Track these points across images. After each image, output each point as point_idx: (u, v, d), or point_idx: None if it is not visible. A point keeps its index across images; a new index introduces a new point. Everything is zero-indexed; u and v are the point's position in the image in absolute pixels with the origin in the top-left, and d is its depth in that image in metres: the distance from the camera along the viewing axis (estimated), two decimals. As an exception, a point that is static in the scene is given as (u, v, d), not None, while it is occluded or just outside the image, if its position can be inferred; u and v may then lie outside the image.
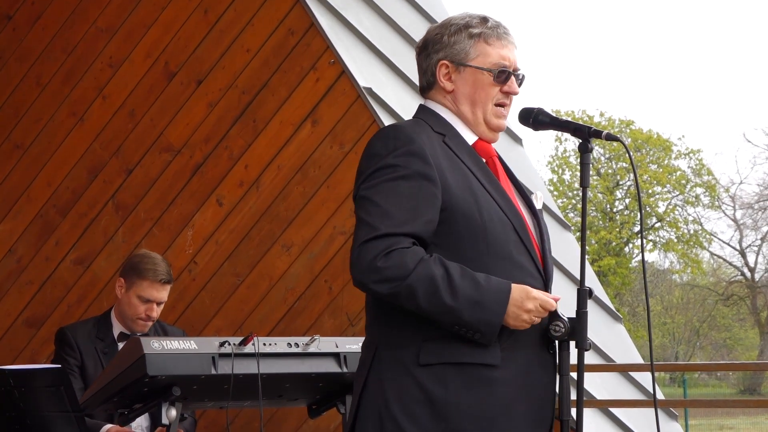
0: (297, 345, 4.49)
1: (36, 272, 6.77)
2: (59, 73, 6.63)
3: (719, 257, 40.13)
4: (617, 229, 37.94)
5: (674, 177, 38.74)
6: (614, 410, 6.26)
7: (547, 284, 3.16)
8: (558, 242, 5.80)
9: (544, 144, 67.99)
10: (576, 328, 3.02)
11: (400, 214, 3.01)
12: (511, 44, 3.26)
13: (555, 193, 38.42)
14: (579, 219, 35.37)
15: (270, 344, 4.42)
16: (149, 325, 5.24)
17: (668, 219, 38.76)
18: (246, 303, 6.39)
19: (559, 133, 40.99)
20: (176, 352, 4.19)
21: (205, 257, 6.42)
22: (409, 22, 6.76)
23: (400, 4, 6.86)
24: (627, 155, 4.90)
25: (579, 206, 37.62)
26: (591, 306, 3.22)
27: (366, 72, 6.03)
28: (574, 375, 3.05)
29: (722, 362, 15.27)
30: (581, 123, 3.17)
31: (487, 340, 2.99)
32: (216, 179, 6.36)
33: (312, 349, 4.51)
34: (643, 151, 38.56)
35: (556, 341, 3.11)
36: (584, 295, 3.04)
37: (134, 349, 4.18)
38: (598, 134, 3.14)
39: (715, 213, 42.75)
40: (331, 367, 4.54)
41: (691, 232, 38.90)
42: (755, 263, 38.31)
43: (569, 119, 3.23)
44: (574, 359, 3.01)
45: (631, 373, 6.56)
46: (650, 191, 38.34)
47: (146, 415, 4.98)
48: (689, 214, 39.26)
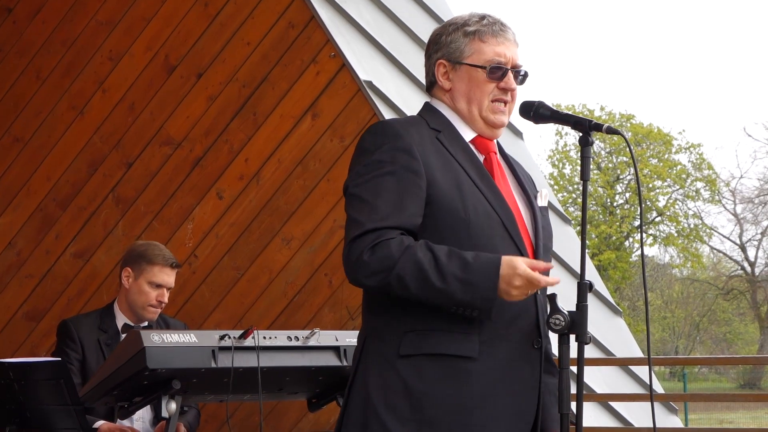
0: (297, 338, 4.49)
1: (36, 265, 6.77)
2: (59, 66, 6.62)
3: (719, 251, 40.16)
4: (617, 223, 37.94)
5: (674, 171, 38.73)
6: (614, 404, 6.27)
7: None
8: (558, 236, 5.80)
9: (544, 138, 68.03)
10: (576, 322, 3.01)
11: (386, 208, 3.06)
12: (509, 41, 3.26)
13: (555, 187, 38.41)
14: (579, 213, 35.36)
15: (270, 337, 4.42)
16: (158, 312, 5.24)
17: (668, 213, 38.75)
18: (246, 296, 6.39)
19: (560, 127, 40.79)
20: (176, 345, 4.19)
21: (205, 251, 6.42)
22: (410, 15, 6.75)
23: (400, -2, 6.85)
24: (627, 149, 4.87)
25: (579, 200, 37.59)
26: (591, 300, 3.21)
27: (366, 65, 6.02)
28: (573, 368, 3.05)
29: (722, 356, 15.24)
30: (582, 116, 3.16)
31: (486, 314, 3.01)
32: (216, 173, 6.35)
33: (312, 342, 4.51)
34: (644, 145, 38.54)
35: (539, 337, 3.12)
36: (584, 288, 3.04)
37: (134, 342, 4.17)
38: (598, 128, 3.13)
39: (716, 207, 42.82)
40: (331, 360, 4.54)
41: (692, 226, 38.90)
42: (755, 258, 38.34)
43: (570, 113, 3.21)
44: (573, 353, 3.00)
45: (631, 367, 6.56)
46: (650, 185, 38.33)
47: (148, 407, 4.98)
48: (689, 209, 39.28)
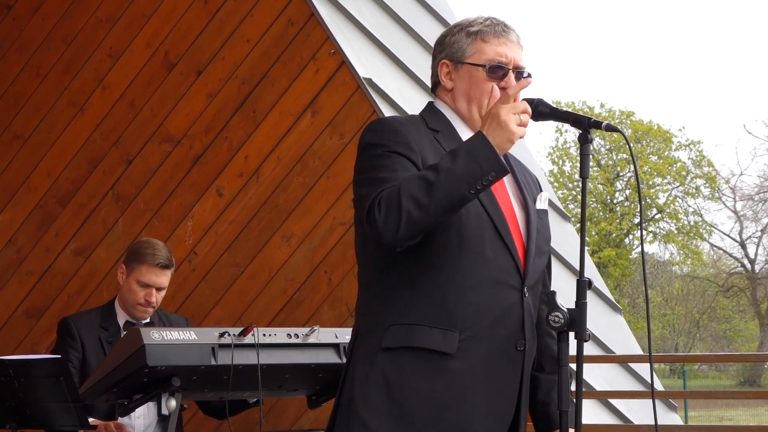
0: (297, 336, 4.49)
1: (36, 263, 6.77)
2: (59, 63, 6.62)
3: (719, 249, 40.20)
4: (617, 221, 37.95)
5: (674, 168, 38.75)
6: (613, 401, 6.27)
7: (524, 282, 3.15)
8: (558, 233, 5.80)
9: (544, 135, 68.01)
10: (575, 319, 3.01)
11: (387, 175, 3.04)
12: (511, 42, 3.26)
13: (555, 184, 38.42)
14: (579, 210, 35.32)
15: (269, 335, 4.42)
16: (150, 312, 5.23)
17: (668, 210, 38.77)
18: (246, 294, 6.39)
19: (560, 124, 40.85)
20: (176, 342, 4.19)
21: (204, 248, 6.43)
22: (409, 12, 6.75)
23: (400, -5, 6.85)
24: (627, 146, 4.87)
25: (579, 197, 37.55)
26: (591, 297, 3.22)
27: (366, 62, 6.02)
28: (573, 366, 3.05)
29: (722, 354, 15.26)
30: (581, 114, 3.16)
31: (502, 171, 2.96)
32: (216, 170, 6.36)
33: (311, 339, 4.51)
34: (644, 142, 38.56)
35: (523, 339, 3.12)
36: (584, 286, 3.04)
37: (134, 339, 4.17)
38: (597, 125, 3.13)
39: (716, 204, 42.85)
40: (330, 357, 4.54)
41: (692, 223, 38.93)
42: (755, 255, 38.38)
43: (569, 110, 3.21)
44: (573, 350, 3.00)
45: (631, 365, 6.56)
46: (650, 182, 38.35)
47: (148, 404, 4.98)
48: (689, 206, 39.31)
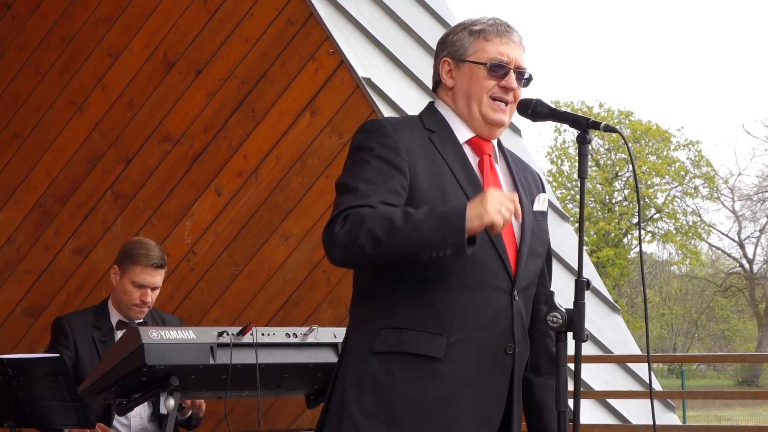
0: (295, 335, 4.50)
1: (35, 261, 6.77)
2: (58, 62, 6.63)
3: (718, 248, 40.18)
4: (616, 220, 37.94)
5: (673, 168, 38.74)
6: (612, 401, 6.27)
7: (515, 285, 3.14)
8: (556, 233, 5.80)
9: (543, 135, 68.04)
10: (573, 319, 3.02)
11: (365, 189, 3.06)
12: (513, 42, 3.26)
13: (554, 184, 38.41)
14: (577, 210, 35.36)
15: (268, 334, 4.42)
16: (145, 311, 5.24)
17: (667, 210, 38.76)
18: (244, 293, 6.39)
19: (558, 124, 41.06)
20: (175, 341, 4.19)
21: (203, 247, 6.43)
22: (408, 12, 6.75)
23: (399, -5, 6.85)
24: (626, 146, 4.88)
25: (578, 197, 37.59)
26: (589, 297, 3.22)
27: (365, 62, 6.03)
28: (571, 366, 3.05)
29: (720, 354, 15.26)
30: (580, 114, 3.16)
31: (460, 250, 2.94)
32: (215, 169, 6.36)
33: (310, 339, 4.51)
34: (642, 142, 38.55)
35: (513, 343, 3.12)
36: (582, 286, 3.04)
37: (133, 338, 4.18)
38: (596, 125, 3.14)
39: (714, 204, 42.82)
40: (329, 357, 4.54)
41: (690, 223, 38.92)
42: (754, 255, 38.36)
43: (568, 110, 3.21)
44: (571, 350, 3.01)
45: (629, 364, 6.57)
46: (649, 182, 38.34)
47: (146, 403, 4.99)
48: (688, 206, 39.30)
